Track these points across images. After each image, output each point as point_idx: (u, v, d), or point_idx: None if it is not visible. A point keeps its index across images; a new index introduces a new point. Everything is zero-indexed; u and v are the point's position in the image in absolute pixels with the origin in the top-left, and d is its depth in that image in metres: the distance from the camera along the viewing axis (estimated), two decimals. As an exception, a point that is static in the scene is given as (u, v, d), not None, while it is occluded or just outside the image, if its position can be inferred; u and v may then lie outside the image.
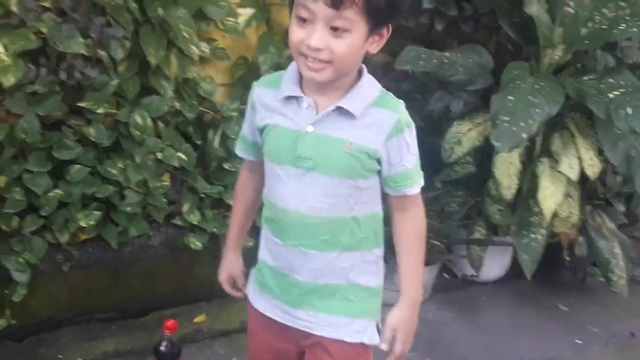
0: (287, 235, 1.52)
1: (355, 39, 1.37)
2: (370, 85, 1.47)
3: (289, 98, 1.47)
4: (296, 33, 1.38)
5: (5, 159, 2.25)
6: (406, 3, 1.45)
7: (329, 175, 1.46)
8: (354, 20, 1.34)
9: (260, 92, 1.53)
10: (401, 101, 1.49)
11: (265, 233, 1.58)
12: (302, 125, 1.46)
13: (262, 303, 1.63)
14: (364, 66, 1.47)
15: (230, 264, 1.75)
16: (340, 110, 1.44)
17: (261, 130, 1.52)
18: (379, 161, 1.49)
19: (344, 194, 1.48)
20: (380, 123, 1.45)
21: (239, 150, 1.65)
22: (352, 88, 1.45)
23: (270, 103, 1.50)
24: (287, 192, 1.49)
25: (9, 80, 2.12)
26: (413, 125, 1.50)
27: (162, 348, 2.16)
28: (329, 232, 1.50)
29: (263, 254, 1.61)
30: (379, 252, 1.60)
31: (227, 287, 1.77)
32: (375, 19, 1.37)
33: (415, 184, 1.56)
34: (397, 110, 1.47)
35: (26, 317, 2.34)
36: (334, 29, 1.35)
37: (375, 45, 1.42)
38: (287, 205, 1.49)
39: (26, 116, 2.23)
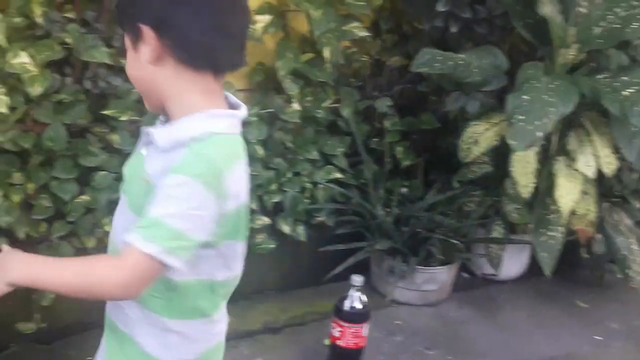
0: None
1: (129, 54, 1.25)
2: (191, 125, 1.22)
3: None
4: None
5: (33, 166, 2.31)
6: None
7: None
8: (125, 36, 1.25)
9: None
10: (206, 156, 1.19)
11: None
12: None
13: None
14: (209, 109, 1.24)
15: None
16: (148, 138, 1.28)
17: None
18: None
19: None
20: (173, 159, 1.19)
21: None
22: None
23: None
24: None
25: (36, 90, 2.18)
26: (196, 179, 1.16)
27: None
28: None
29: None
30: (175, 324, 1.31)
31: None
32: (124, 22, 1.26)
33: (142, 236, 1.15)
34: (191, 151, 1.18)
35: (54, 321, 2.39)
36: None
37: (148, 52, 1.21)
38: None
39: (53, 125, 2.28)
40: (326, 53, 2.73)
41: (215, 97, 1.28)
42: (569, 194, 2.75)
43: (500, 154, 2.87)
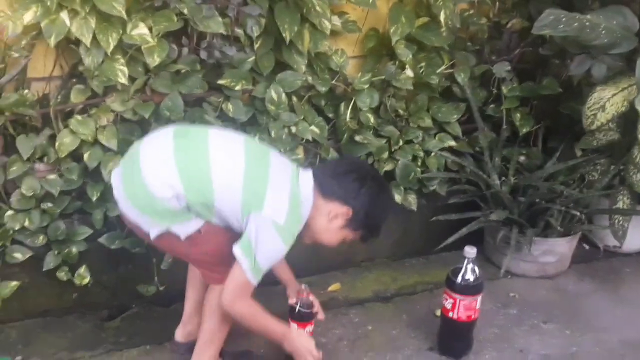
0: None
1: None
2: None
3: None
4: None
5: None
6: None
7: None
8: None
9: None
10: None
11: None
12: None
13: None
14: None
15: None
16: None
17: None
18: None
19: None
20: None
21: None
22: None
23: None
24: None
25: (154, 61, 2.23)
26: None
27: (298, 308, 2.24)
28: None
29: None
30: None
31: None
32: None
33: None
34: None
35: (173, 284, 2.47)
36: None
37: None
38: None
39: (170, 94, 2.34)
40: (442, 17, 2.64)
41: None
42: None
43: (628, 121, 2.70)
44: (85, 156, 2.31)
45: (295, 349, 2.06)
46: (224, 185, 1.85)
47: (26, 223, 2.29)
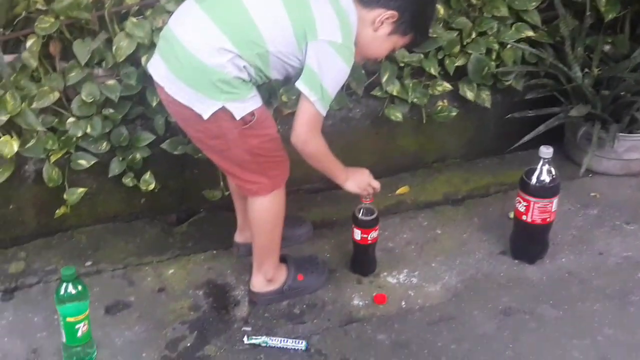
0: None
1: None
2: None
3: None
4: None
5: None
6: None
7: None
8: None
9: None
10: None
11: None
12: None
13: None
14: None
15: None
16: None
17: None
18: None
19: None
20: None
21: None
22: None
23: None
24: None
25: None
26: None
27: (360, 215, 2.19)
28: None
29: None
30: None
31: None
32: None
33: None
34: None
35: (239, 188, 2.45)
36: None
37: None
38: None
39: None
40: None
41: None
42: None
43: None
44: (143, 60, 2.26)
45: (357, 184, 2.11)
46: (270, 24, 1.80)
47: (88, 129, 2.29)
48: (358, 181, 2.11)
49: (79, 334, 1.91)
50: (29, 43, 2.20)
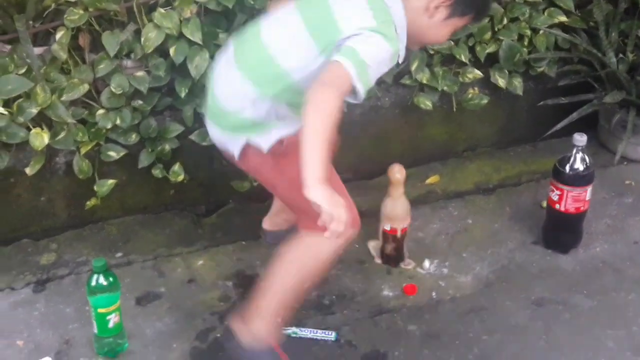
0: None
1: None
2: None
3: None
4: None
5: (237, 26, 2.29)
6: None
7: None
8: None
9: None
10: None
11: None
12: None
13: None
14: None
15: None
16: None
17: None
18: None
19: None
20: None
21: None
22: None
23: None
24: None
25: None
26: None
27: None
28: None
29: None
30: None
31: None
32: None
33: None
34: None
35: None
36: None
37: None
38: None
39: None
40: None
41: None
42: None
43: None
44: (171, 51, 2.26)
45: (327, 199, 1.49)
46: (294, 54, 1.69)
47: (118, 121, 2.29)
48: (330, 197, 1.49)
49: (110, 324, 1.92)
50: (58, 35, 2.21)
